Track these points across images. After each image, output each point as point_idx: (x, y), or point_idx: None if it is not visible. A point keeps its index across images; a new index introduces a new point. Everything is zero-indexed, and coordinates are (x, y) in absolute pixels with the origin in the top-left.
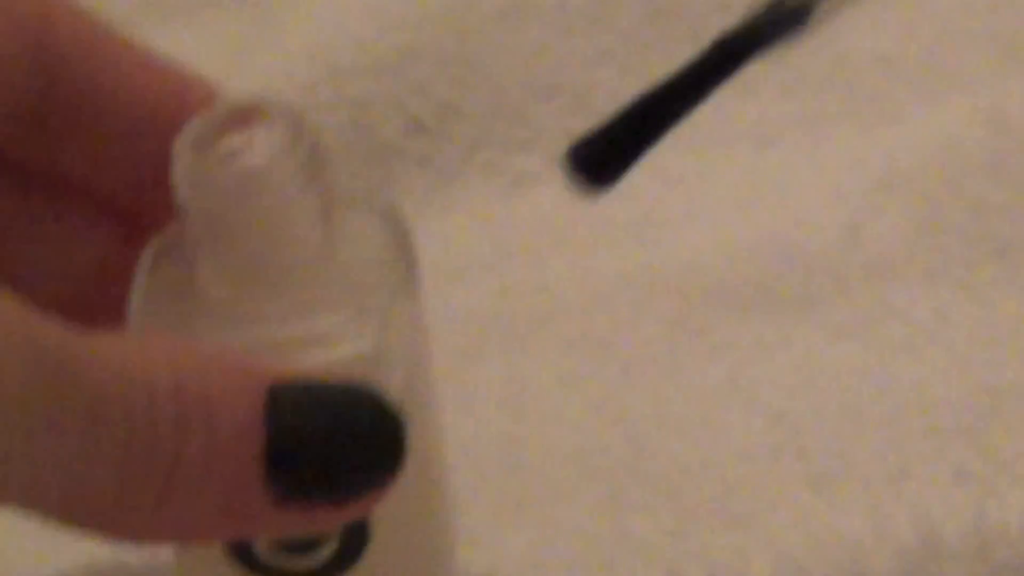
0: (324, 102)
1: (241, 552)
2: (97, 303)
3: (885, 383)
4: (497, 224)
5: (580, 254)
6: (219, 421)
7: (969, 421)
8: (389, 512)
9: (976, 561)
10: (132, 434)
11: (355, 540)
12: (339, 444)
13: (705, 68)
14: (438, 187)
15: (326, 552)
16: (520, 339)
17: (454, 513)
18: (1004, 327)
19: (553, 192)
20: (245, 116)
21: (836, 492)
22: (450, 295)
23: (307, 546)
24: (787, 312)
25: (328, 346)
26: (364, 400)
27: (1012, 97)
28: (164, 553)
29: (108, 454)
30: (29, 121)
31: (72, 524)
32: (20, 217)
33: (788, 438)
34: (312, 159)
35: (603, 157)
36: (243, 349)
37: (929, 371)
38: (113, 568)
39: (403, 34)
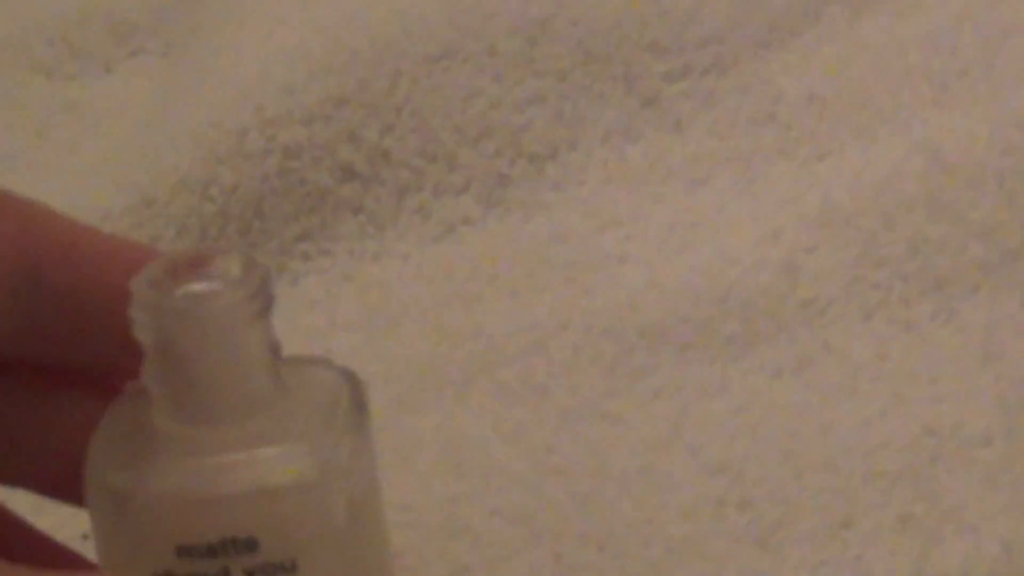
0: (254, 149)
1: None
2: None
3: (826, 425)
4: (430, 269)
5: (515, 298)
6: None
7: (912, 464)
8: None
9: None
10: None
11: None
12: None
13: None
14: (370, 233)
15: None
16: (456, 387)
17: None
18: (943, 363)
19: (486, 236)
20: (201, 260)
21: (780, 548)
22: (384, 342)
23: None
24: (725, 352)
25: (273, 474)
26: None
27: (945, 132)
28: None
29: None
30: (17, 325)
31: None
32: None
33: (731, 489)
34: (262, 292)
35: None
36: (190, 477)
37: (870, 412)
38: None
39: (332, 80)
